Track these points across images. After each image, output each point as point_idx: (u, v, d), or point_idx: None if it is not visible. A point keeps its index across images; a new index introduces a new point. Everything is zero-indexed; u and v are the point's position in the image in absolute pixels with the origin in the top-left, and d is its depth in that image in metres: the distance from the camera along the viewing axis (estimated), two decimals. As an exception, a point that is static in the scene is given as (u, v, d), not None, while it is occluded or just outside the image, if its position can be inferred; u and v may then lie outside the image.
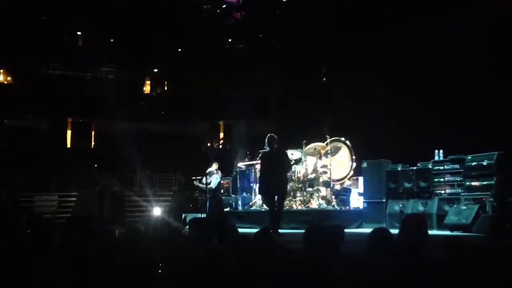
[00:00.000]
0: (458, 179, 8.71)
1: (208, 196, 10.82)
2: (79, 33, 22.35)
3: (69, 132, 22.01)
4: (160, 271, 3.31)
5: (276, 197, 8.09)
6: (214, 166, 12.59)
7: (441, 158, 9.18)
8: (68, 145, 21.81)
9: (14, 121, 20.94)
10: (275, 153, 8.27)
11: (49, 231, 3.16)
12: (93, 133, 22.51)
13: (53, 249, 3.15)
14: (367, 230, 8.39)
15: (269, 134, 8.49)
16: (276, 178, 8.09)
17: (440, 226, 8.34)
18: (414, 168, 9.44)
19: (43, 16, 20.38)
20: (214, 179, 11.81)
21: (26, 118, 21.01)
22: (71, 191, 16.57)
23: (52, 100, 19.79)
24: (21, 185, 15.99)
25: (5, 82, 21.31)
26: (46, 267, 2.83)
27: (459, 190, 8.61)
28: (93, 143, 22.51)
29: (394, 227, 7.79)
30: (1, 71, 21.22)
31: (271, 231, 7.31)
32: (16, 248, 3.49)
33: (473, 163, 8.45)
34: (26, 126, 21.07)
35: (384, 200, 9.66)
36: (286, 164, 8.38)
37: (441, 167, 9.01)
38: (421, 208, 8.83)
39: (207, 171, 12.00)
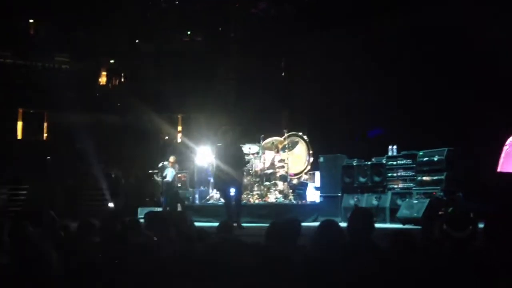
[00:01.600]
0: (410, 174, 8.99)
1: (163, 190, 10.71)
2: (31, 20, 21.53)
3: (20, 123, 21.21)
4: (114, 265, 3.26)
5: (232, 190, 8.11)
6: (172, 159, 12.48)
7: (395, 154, 9.44)
8: (19, 137, 21.03)
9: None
10: (229, 147, 8.26)
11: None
12: (45, 124, 21.77)
13: (1, 243, 3.05)
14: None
15: (222, 127, 8.47)
16: (231, 171, 8.09)
17: (393, 220, 8.59)
18: (369, 163, 9.66)
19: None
20: (170, 172, 11.71)
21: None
22: (22, 184, 16.01)
23: (2, 89, 19.00)
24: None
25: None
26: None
27: (411, 185, 8.89)
28: (45, 134, 21.79)
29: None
30: None
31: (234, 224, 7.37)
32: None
33: (425, 159, 8.74)
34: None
35: (340, 194, 9.84)
36: (241, 157, 8.39)
37: (394, 162, 9.27)
38: (375, 202, 9.06)
39: (159, 165, 11.89)
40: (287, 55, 17.37)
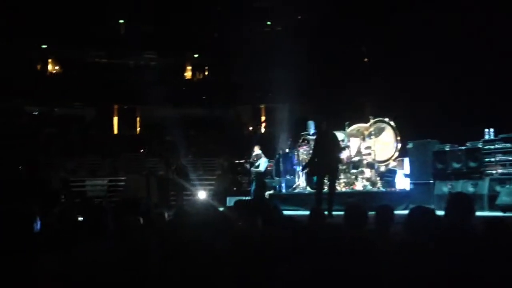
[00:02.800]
0: (510, 158, 8.39)
1: (253, 178, 10.91)
2: (121, 21, 22.77)
3: (115, 119, 22.61)
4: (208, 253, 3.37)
5: (327, 179, 8.19)
6: (257, 150, 12.65)
7: (492, 137, 8.85)
8: (115, 131, 22.42)
9: (63, 109, 21.69)
10: (325, 135, 8.33)
11: (102, 213, 3.28)
12: (138, 119, 23.03)
13: (107, 230, 3.27)
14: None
15: (316, 117, 8.58)
16: (328, 159, 8.11)
17: (492, 207, 8.08)
18: (463, 148, 9.16)
19: (88, 6, 20.87)
20: (263, 162, 11.88)
21: (74, 106, 21.71)
22: (120, 175, 17.07)
23: (99, 88, 20.34)
24: (73, 170, 16.58)
25: (54, 72, 22.06)
26: (99, 247, 2.93)
27: (512, 170, 8.30)
28: (138, 129, 23.04)
29: (442, 209, 7.61)
30: (50, 60, 21.96)
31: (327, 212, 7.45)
32: (70, 228, 3.65)
33: (526, 142, 8.13)
34: (74, 114, 21.79)
35: (431, 181, 9.44)
36: (337, 145, 8.44)
37: (492, 146, 8.69)
38: (471, 189, 8.57)
39: (254, 154, 12.05)
40: (370, 40, 16.88)
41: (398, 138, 11.32)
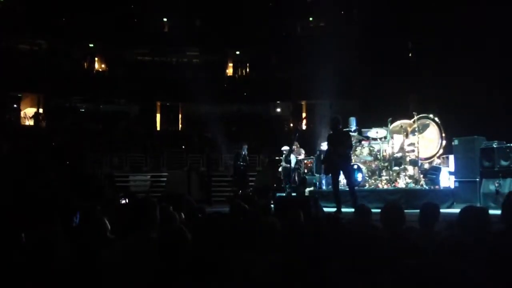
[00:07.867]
0: (562, 156, 8.03)
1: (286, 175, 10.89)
2: (164, 19, 23.16)
3: (158, 116, 23.03)
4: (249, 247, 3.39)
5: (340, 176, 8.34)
6: (295, 146, 12.68)
7: (543, 134, 8.50)
8: (158, 128, 22.84)
9: (108, 106, 22.28)
10: (337, 134, 8.42)
11: (151, 206, 3.37)
12: (180, 115, 23.37)
13: (154, 223, 3.35)
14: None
15: (334, 116, 8.67)
16: (338, 158, 8.21)
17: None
18: (512, 145, 8.83)
19: (132, 5, 21.38)
20: (292, 158, 11.92)
21: (118, 103, 22.26)
22: (162, 171, 17.38)
23: (142, 85, 20.76)
24: (117, 166, 17.02)
25: (100, 70, 22.69)
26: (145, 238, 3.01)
27: None
28: (180, 125, 23.38)
29: (489, 208, 7.37)
30: (97, 59, 22.60)
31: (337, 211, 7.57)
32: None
33: None
34: (119, 111, 22.35)
35: (477, 179, 9.14)
36: (348, 144, 8.51)
37: (543, 144, 8.35)
38: (519, 187, 8.26)
39: (284, 150, 12.10)
40: (414, 35, 16.51)
41: (443, 134, 11.02)
